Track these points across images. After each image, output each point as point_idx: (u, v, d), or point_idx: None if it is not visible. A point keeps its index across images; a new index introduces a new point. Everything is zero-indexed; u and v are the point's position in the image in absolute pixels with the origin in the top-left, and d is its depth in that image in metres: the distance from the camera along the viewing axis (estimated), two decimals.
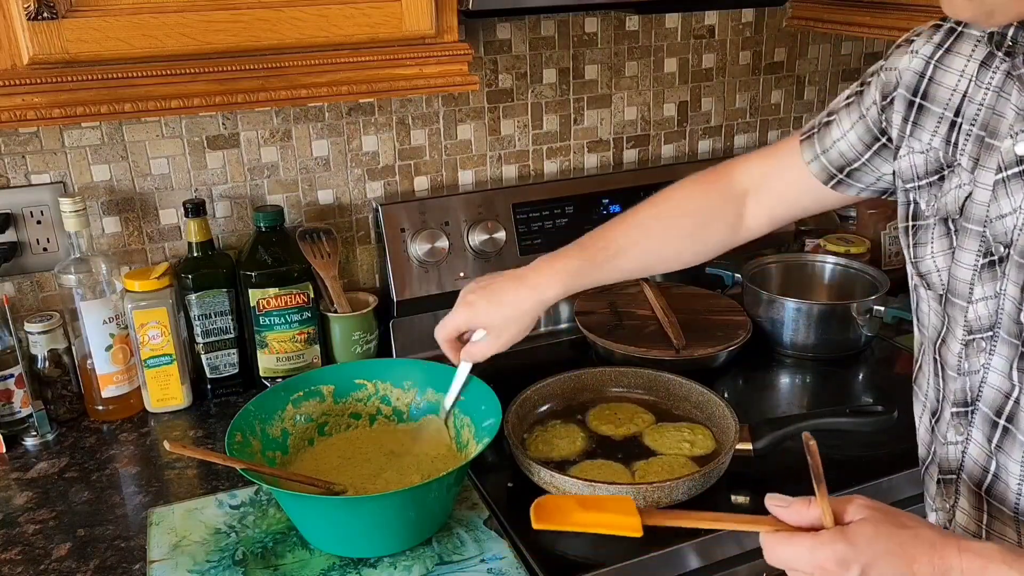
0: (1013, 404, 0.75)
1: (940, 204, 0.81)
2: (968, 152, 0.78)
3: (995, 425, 0.77)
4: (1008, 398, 0.76)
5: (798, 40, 1.74)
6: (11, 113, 0.95)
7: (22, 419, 1.27)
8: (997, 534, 0.79)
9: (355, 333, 1.42)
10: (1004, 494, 0.77)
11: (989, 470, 0.78)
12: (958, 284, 0.80)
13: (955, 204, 0.79)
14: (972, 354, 0.79)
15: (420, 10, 1.06)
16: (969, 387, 0.80)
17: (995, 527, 0.79)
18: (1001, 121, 0.75)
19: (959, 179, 0.79)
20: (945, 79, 0.81)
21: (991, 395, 0.78)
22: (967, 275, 0.78)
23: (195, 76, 1.01)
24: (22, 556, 1.02)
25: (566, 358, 1.52)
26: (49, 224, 1.32)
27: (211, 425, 1.31)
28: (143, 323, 1.29)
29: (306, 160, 1.44)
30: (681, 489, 1.06)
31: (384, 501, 0.98)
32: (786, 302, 1.46)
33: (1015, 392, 0.75)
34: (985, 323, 0.77)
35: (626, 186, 1.60)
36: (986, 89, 0.77)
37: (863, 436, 1.17)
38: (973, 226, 0.77)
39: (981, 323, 0.77)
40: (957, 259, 0.79)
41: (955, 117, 0.80)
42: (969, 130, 0.78)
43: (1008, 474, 0.76)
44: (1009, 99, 0.74)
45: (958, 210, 0.79)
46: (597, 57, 1.58)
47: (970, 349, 0.79)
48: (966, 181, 0.78)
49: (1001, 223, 0.74)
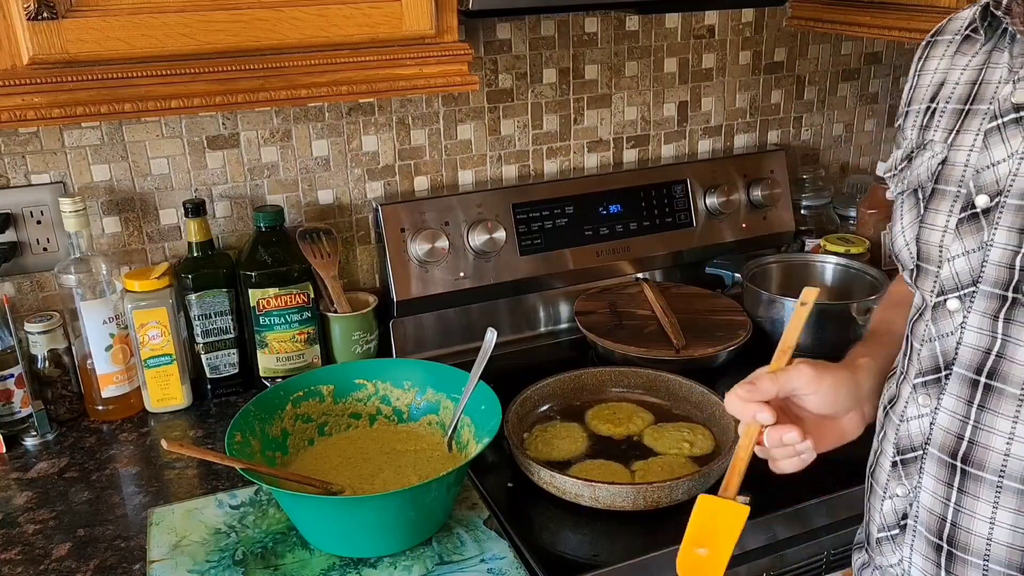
0: (995, 359, 0.74)
1: (910, 179, 0.84)
2: (942, 126, 0.82)
3: (975, 384, 0.76)
4: (989, 354, 0.75)
5: (798, 40, 1.74)
6: (11, 113, 0.95)
7: (22, 419, 1.27)
8: (967, 511, 0.77)
9: (355, 333, 1.42)
10: (985, 459, 0.75)
11: (964, 436, 0.77)
12: (929, 248, 0.80)
13: (927, 173, 0.81)
14: (941, 317, 0.79)
15: (420, 10, 1.06)
16: (941, 351, 0.79)
17: (966, 503, 0.77)
18: (986, 87, 0.79)
19: (931, 151, 0.82)
20: (923, 80, 0.88)
21: (968, 354, 0.76)
22: (937, 237, 0.79)
23: (195, 76, 1.01)
24: (22, 556, 1.02)
25: (566, 358, 1.52)
26: (49, 224, 1.32)
27: (211, 425, 1.31)
28: (143, 323, 1.29)
29: (306, 160, 1.44)
30: (681, 489, 1.06)
31: (384, 501, 0.98)
32: (786, 302, 1.46)
33: (996, 345, 0.74)
34: (964, 279, 0.77)
35: (626, 186, 1.60)
36: (962, 69, 0.82)
37: (863, 436, 1.17)
38: (947, 187, 0.79)
39: (958, 280, 0.77)
40: (926, 223, 0.81)
41: (930, 103, 0.85)
42: (944, 108, 0.82)
43: (994, 434, 0.74)
44: (997, 65, 0.79)
45: (930, 177, 0.81)
46: (597, 57, 1.58)
47: (939, 312, 0.79)
48: (938, 151, 0.81)
49: (991, 172, 0.75)
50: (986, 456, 0.75)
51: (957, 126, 0.80)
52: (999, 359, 0.74)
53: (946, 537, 0.79)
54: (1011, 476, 0.74)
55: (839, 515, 1.12)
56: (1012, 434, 0.73)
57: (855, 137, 1.90)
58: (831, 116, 1.85)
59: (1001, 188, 0.74)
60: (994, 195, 0.74)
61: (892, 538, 0.86)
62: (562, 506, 1.09)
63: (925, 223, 0.81)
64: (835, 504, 1.11)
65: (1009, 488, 0.74)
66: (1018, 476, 0.73)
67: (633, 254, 1.61)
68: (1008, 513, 0.74)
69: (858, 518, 1.13)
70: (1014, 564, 0.74)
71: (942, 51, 0.86)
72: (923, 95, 0.86)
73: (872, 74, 1.85)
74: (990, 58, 0.80)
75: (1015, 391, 0.73)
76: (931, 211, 0.80)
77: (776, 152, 1.73)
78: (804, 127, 1.83)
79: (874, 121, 1.90)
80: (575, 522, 1.07)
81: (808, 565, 1.12)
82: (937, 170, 0.80)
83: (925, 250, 0.81)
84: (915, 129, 0.86)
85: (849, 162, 1.92)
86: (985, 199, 0.75)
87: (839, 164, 1.91)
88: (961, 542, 0.78)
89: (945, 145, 0.80)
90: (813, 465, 1.17)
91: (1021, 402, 0.73)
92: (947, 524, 0.79)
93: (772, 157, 1.72)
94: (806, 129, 1.83)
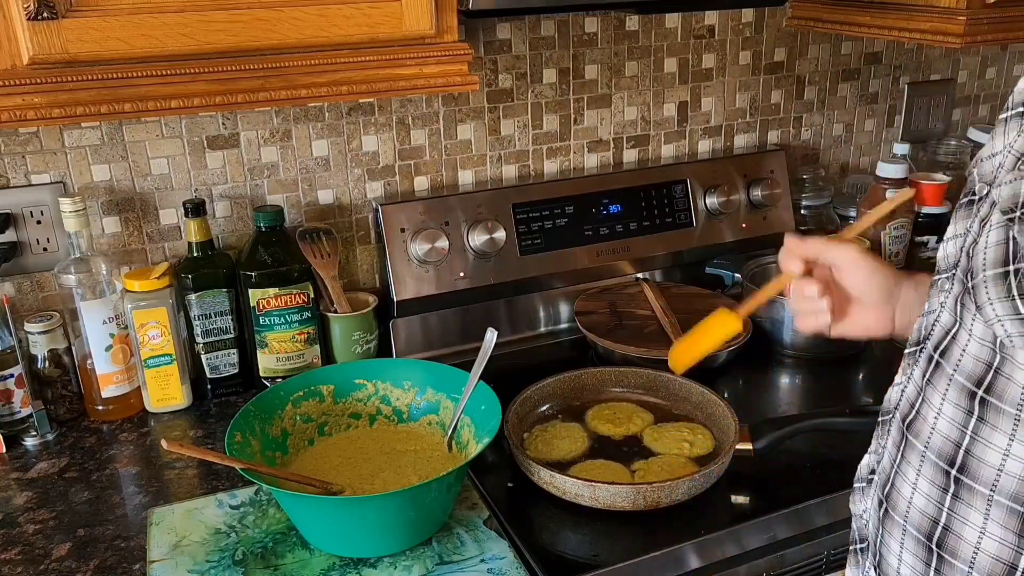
0: (950, 340, 0.76)
1: None
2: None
3: (930, 360, 0.78)
4: (948, 334, 0.77)
5: (798, 40, 1.74)
6: (11, 113, 0.95)
7: (22, 419, 1.27)
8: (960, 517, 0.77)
9: (355, 333, 1.42)
10: (921, 429, 0.78)
11: (915, 405, 0.79)
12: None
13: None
14: (933, 294, 0.81)
15: (420, 10, 1.06)
16: (924, 326, 0.82)
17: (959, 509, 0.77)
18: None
19: None
20: None
21: (939, 333, 0.79)
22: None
23: (195, 76, 1.01)
24: (22, 556, 1.02)
25: (566, 358, 1.52)
26: (49, 224, 1.32)
27: (211, 425, 1.31)
28: (143, 323, 1.29)
29: (306, 160, 1.44)
30: (681, 489, 1.06)
31: (384, 501, 0.98)
32: (786, 302, 1.45)
33: (955, 327, 0.76)
34: (952, 261, 0.78)
35: (626, 186, 1.60)
36: None
37: (863, 436, 1.16)
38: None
39: (948, 262, 0.79)
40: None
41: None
42: None
43: (928, 407, 0.77)
44: None
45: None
46: (597, 57, 1.58)
47: (933, 289, 0.81)
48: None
49: (990, 162, 0.76)
50: (922, 427, 0.77)
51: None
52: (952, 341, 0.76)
53: (936, 540, 0.79)
54: (1002, 492, 0.74)
55: (839, 515, 1.12)
56: (947, 414, 0.75)
57: (855, 137, 1.90)
58: (831, 116, 1.85)
59: (990, 180, 0.75)
60: (988, 183, 0.75)
61: (861, 489, 0.89)
62: (562, 506, 1.09)
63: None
64: (835, 504, 1.11)
65: (999, 503, 0.74)
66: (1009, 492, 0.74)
67: (633, 254, 1.61)
68: (997, 526, 0.75)
69: None
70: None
71: None
72: None
73: (872, 74, 1.85)
74: None
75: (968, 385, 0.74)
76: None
77: (776, 152, 1.73)
78: (804, 127, 1.83)
79: (874, 121, 1.90)
80: (575, 522, 1.07)
81: (808, 565, 1.12)
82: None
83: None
84: None
85: (849, 162, 1.92)
86: (983, 188, 0.76)
87: (839, 164, 1.91)
88: (950, 546, 0.78)
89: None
90: (813, 465, 1.17)
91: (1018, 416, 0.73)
92: (939, 527, 0.79)
93: (772, 157, 1.72)
94: (806, 129, 1.83)
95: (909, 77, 1.89)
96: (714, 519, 1.07)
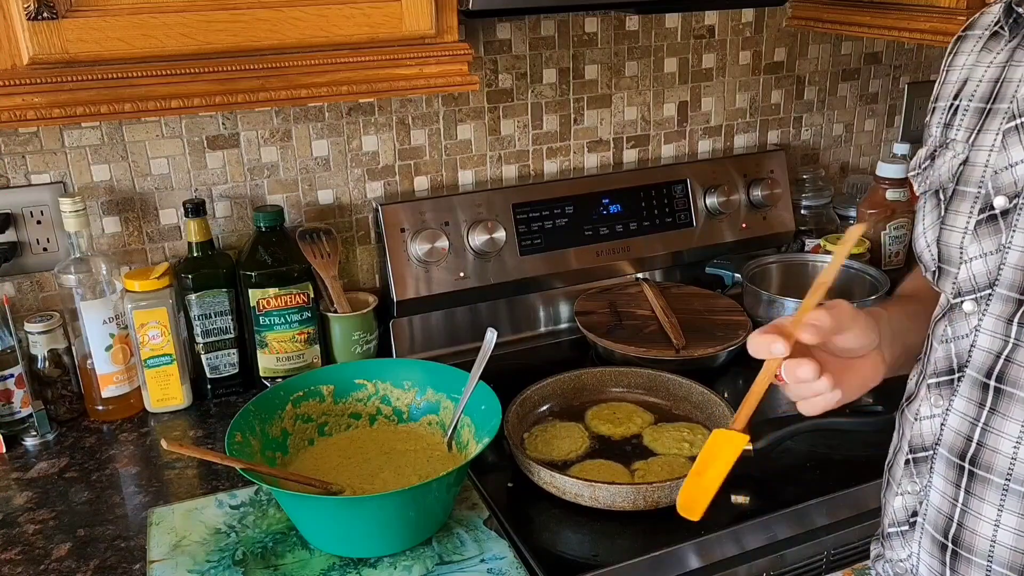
0: (1004, 363, 0.74)
1: (933, 179, 0.83)
2: (964, 125, 0.80)
3: (986, 387, 0.76)
4: (999, 357, 0.74)
5: (798, 40, 1.74)
6: (11, 113, 0.95)
7: (22, 419, 1.27)
8: (973, 512, 0.77)
9: (355, 333, 1.42)
10: (992, 462, 0.75)
11: (973, 438, 0.77)
12: (949, 250, 0.80)
13: (948, 173, 0.80)
14: (958, 318, 0.78)
15: (420, 10, 1.06)
16: (955, 353, 0.79)
17: (972, 504, 0.77)
18: (1008, 86, 0.77)
19: (952, 151, 0.81)
20: (950, 76, 0.86)
21: (981, 358, 0.76)
22: (957, 239, 0.79)
23: (195, 76, 1.01)
24: (22, 556, 1.02)
25: (566, 358, 1.52)
26: (49, 224, 1.32)
27: (211, 425, 1.31)
28: (143, 323, 1.29)
29: (306, 160, 1.44)
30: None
31: (384, 501, 0.98)
32: (786, 302, 1.46)
33: (1007, 349, 0.74)
34: (981, 281, 0.76)
35: (626, 186, 1.60)
36: (987, 66, 0.81)
37: (863, 436, 1.17)
38: (967, 188, 0.78)
39: (976, 282, 0.76)
40: (947, 224, 0.80)
41: (954, 100, 0.83)
42: (967, 106, 0.81)
43: (1001, 437, 0.74)
44: (1020, 64, 0.77)
45: (952, 178, 0.80)
46: (597, 57, 1.58)
47: (956, 313, 0.79)
48: (960, 151, 0.80)
49: (1009, 173, 0.74)
50: (993, 459, 0.75)
51: (979, 125, 0.79)
52: (1008, 363, 0.74)
53: (952, 536, 0.79)
54: (1017, 480, 0.74)
55: (839, 515, 1.12)
56: (1020, 438, 0.73)
57: (855, 137, 1.90)
58: (831, 116, 1.85)
59: (1019, 190, 0.73)
60: (1012, 196, 0.73)
61: (902, 534, 0.86)
62: (562, 506, 1.09)
63: (946, 225, 0.80)
64: (835, 504, 1.11)
65: (1015, 492, 0.74)
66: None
67: (633, 254, 1.61)
68: (1012, 516, 0.74)
69: (857, 518, 1.14)
70: (1016, 567, 0.74)
71: (970, 47, 0.84)
72: (949, 92, 0.85)
73: (872, 74, 1.85)
74: (1013, 56, 0.78)
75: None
76: (952, 212, 0.79)
77: (776, 152, 1.73)
78: (804, 127, 1.83)
79: (874, 121, 1.90)
80: (575, 522, 1.07)
81: (808, 565, 1.12)
82: (958, 171, 0.79)
83: (945, 252, 0.80)
84: (939, 127, 0.84)
85: (849, 162, 1.92)
86: (1003, 200, 0.74)
87: (839, 164, 1.91)
88: (966, 542, 0.78)
89: (967, 145, 0.79)
90: (813, 465, 1.18)
91: None
92: (953, 524, 0.79)
93: (772, 157, 1.72)
94: (806, 129, 1.83)
95: (909, 77, 1.89)
96: (714, 519, 1.07)
